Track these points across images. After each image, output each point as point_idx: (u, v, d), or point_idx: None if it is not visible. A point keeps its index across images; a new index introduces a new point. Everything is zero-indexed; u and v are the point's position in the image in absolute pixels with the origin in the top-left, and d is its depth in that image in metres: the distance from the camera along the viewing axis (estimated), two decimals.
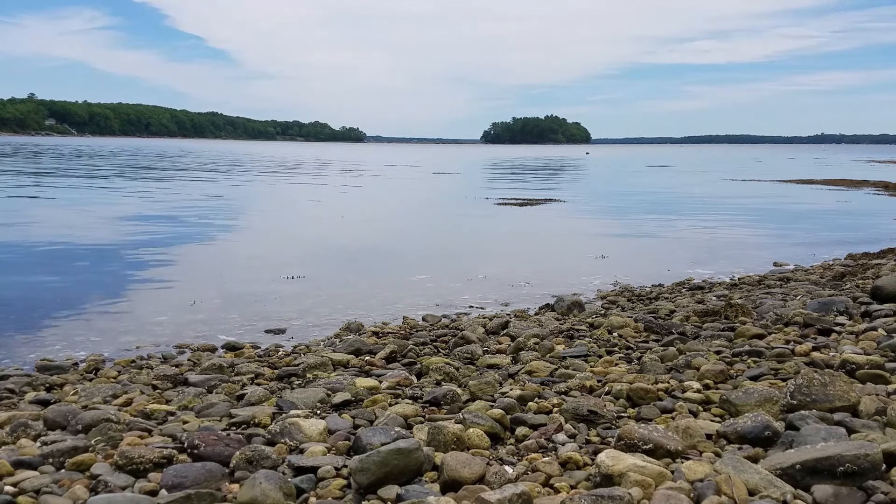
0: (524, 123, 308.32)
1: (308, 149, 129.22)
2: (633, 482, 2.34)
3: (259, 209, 17.79)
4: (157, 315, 6.41)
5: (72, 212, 15.36)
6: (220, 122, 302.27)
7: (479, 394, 3.59)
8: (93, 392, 3.94)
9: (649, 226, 14.50)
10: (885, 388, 3.31)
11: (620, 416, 3.24)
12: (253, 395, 3.70)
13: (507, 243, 11.84)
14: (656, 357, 4.19)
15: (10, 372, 4.58)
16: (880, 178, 31.46)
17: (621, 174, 41.18)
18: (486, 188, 25.97)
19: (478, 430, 2.93)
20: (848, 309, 5.19)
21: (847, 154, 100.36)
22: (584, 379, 3.74)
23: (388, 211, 17.87)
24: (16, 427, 3.18)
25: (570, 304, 6.28)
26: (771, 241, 12.10)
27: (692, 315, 5.56)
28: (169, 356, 5.18)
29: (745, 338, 4.58)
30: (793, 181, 30.82)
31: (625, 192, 25.58)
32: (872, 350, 3.99)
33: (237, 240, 11.86)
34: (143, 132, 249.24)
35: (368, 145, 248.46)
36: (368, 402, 3.53)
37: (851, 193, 23.63)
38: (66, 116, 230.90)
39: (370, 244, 11.46)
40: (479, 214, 16.55)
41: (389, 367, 4.47)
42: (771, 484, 2.32)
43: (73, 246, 10.48)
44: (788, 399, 3.03)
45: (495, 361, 4.42)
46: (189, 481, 2.52)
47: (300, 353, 5.06)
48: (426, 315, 6.38)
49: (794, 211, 18.02)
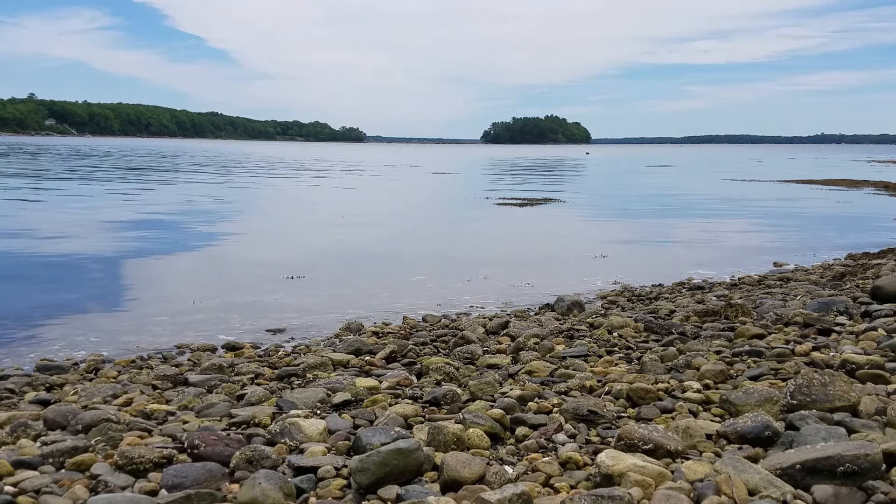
0: (524, 123, 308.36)
1: (308, 149, 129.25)
2: (633, 482, 2.34)
3: (259, 209, 17.78)
4: (157, 315, 6.41)
5: (71, 212, 15.35)
6: (220, 122, 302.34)
7: (479, 394, 3.59)
8: (93, 392, 3.94)
9: (649, 226, 14.50)
10: (885, 388, 3.31)
11: (620, 416, 3.24)
12: (253, 395, 3.70)
13: (507, 243, 11.83)
14: (656, 357, 4.19)
15: (10, 372, 4.58)
16: (880, 178, 31.46)
17: (621, 174, 41.19)
18: (486, 188, 25.98)
19: (478, 430, 2.93)
20: (848, 309, 5.20)
21: (847, 154, 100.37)
22: (584, 379, 3.74)
23: (388, 211, 17.87)
24: (16, 427, 3.17)
25: (570, 304, 6.28)
26: (771, 241, 12.10)
27: (692, 315, 5.56)
28: (169, 356, 5.18)
29: (745, 338, 4.58)
30: (793, 181, 30.82)
31: (625, 192, 25.59)
32: (872, 350, 3.99)
33: (237, 240, 11.86)
34: (143, 132, 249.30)
35: (368, 145, 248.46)
36: (368, 402, 3.53)
37: (851, 193, 23.63)
38: (66, 116, 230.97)
39: (370, 244, 11.46)
40: (478, 214, 16.56)
41: (389, 367, 4.47)
42: (771, 484, 2.32)
43: (73, 246, 10.48)
44: (788, 399, 3.03)
45: (495, 361, 4.42)
46: (189, 481, 2.52)
47: (300, 353, 5.05)
48: (426, 315, 6.38)
49: (795, 211, 18.02)
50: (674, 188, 27.78)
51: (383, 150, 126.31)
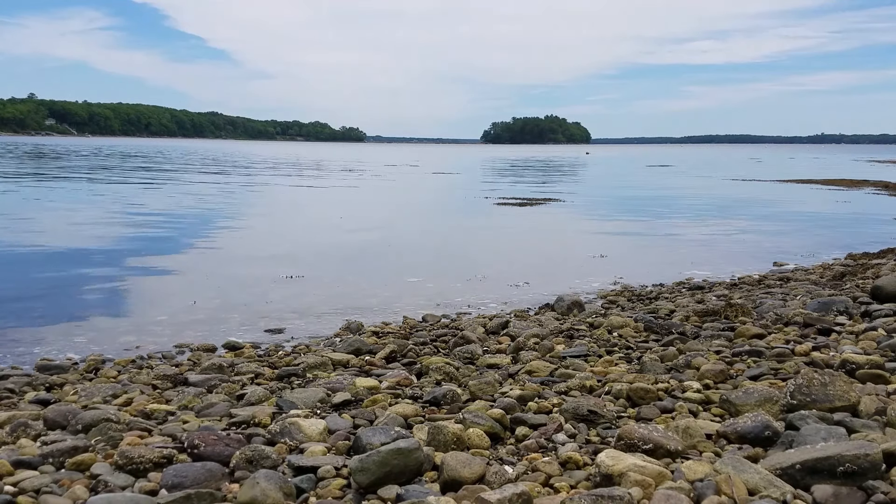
0: (524, 123, 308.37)
1: (308, 149, 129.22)
2: (633, 482, 2.34)
3: (259, 209, 17.78)
4: (157, 315, 6.41)
5: (71, 212, 15.35)
6: (220, 121, 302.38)
7: (479, 394, 3.59)
8: (93, 392, 3.93)
9: (649, 225, 14.50)
10: (885, 388, 3.31)
11: (620, 415, 3.24)
12: (253, 395, 3.70)
13: (507, 243, 11.83)
14: (656, 357, 4.19)
15: (10, 372, 4.59)
16: (880, 178, 31.46)
17: (621, 174, 41.19)
18: (486, 188, 25.97)
19: (478, 430, 2.93)
20: (848, 309, 5.20)
21: (847, 154, 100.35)
22: (584, 379, 3.73)
23: (387, 211, 17.87)
24: (16, 427, 3.17)
25: (570, 304, 6.28)
26: (771, 241, 12.09)
27: (692, 315, 5.56)
28: (169, 356, 5.18)
29: (745, 338, 4.58)
30: (793, 181, 30.82)
31: (625, 192, 25.58)
32: (872, 350, 3.99)
33: (237, 240, 11.86)
34: (144, 132, 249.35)
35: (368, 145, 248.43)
36: (368, 401, 3.53)
37: (851, 193, 23.63)
38: (66, 116, 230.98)
39: (370, 244, 11.45)
40: (478, 214, 16.55)
41: (389, 366, 4.47)
42: (771, 484, 2.32)
43: (73, 246, 10.48)
44: (788, 399, 3.03)
45: (495, 361, 4.42)
46: (189, 481, 2.52)
47: (300, 353, 5.05)
48: (426, 315, 6.37)
49: (794, 211, 18.02)
50: (674, 188, 27.78)
51: (383, 150, 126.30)
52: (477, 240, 12.38)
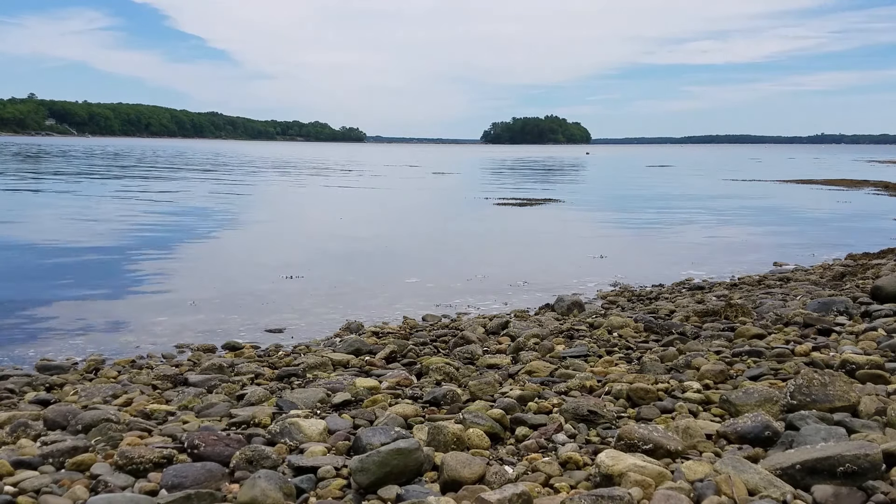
0: (524, 123, 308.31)
1: (308, 149, 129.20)
2: (633, 482, 2.34)
3: (259, 209, 17.78)
4: (157, 315, 6.41)
5: (71, 212, 15.35)
6: (220, 122, 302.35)
7: (479, 394, 3.59)
8: (93, 392, 3.94)
9: (649, 226, 14.50)
10: (885, 388, 3.31)
11: (620, 416, 3.24)
12: (253, 395, 3.70)
13: (507, 243, 11.84)
14: (656, 357, 4.19)
15: (10, 372, 4.58)
16: (880, 178, 31.45)
17: (621, 174, 41.19)
18: (486, 188, 25.97)
19: (478, 430, 2.93)
20: (848, 309, 5.20)
21: (847, 154, 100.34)
22: (584, 379, 3.73)
23: (387, 211, 17.87)
24: (16, 427, 3.17)
25: (570, 304, 6.28)
26: (771, 241, 12.10)
27: (692, 315, 5.56)
28: (169, 356, 5.18)
29: (745, 338, 4.58)
30: (793, 181, 30.82)
31: (625, 192, 25.59)
32: (872, 350, 3.99)
33: (237, 240, 11.86)
34: (144, 132, 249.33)
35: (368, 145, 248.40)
36: (368, 402, 3.53)
37: (851, 193, 23.63)
38: (66, 116, 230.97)
39: (370, 244, 11.45)
40: (478, 214, 16.55)
41: (389, 367, 4.47)
42: (771, 484, 2.32)
43: (73, 246, 10.48)
44: (788, 399, 3.03)
45: (495, 361, 4.42)
46: (189, 481, 2.52)
47: (300, 353, 5.05)
48: (426, 315, 6.38)
49: (795, 211, 18.03)
50: (674, 188, 27.78)
51: (383, 151, 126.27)
52: (477, 240, 12.38)
